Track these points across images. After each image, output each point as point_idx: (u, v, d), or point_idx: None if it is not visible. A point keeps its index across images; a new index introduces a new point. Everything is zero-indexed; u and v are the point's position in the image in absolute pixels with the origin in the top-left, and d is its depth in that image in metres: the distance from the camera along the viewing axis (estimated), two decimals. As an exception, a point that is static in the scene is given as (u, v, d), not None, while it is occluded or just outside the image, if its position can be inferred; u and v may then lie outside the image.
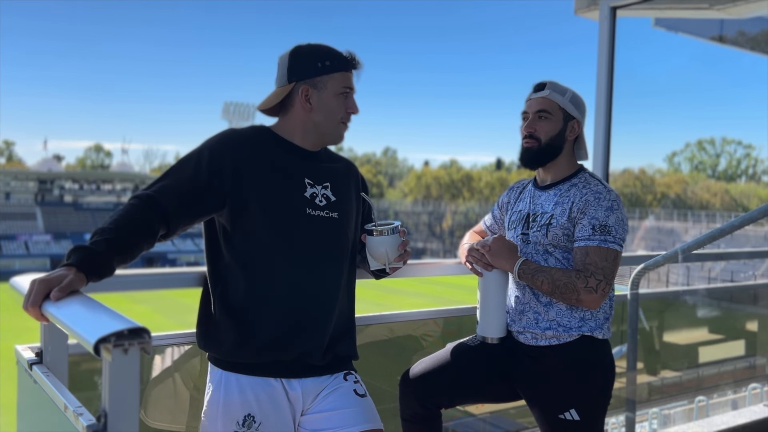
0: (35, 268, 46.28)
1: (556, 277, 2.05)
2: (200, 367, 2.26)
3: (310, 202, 1.86)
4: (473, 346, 2.28)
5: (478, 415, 3.08)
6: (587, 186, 2.14)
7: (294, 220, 1.83)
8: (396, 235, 1.90)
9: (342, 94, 1.90)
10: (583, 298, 2.02)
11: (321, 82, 1.88)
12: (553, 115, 2.18)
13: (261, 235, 1.81)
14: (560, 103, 2.19)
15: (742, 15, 4.00)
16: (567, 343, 2.11)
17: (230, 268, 1.83)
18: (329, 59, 1.88)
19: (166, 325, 21.93)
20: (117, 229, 1.61)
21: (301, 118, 1.91)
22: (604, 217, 2.05)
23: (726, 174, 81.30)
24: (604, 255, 2.03)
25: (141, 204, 1.71)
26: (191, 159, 1.81)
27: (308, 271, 1.85)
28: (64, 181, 67.39)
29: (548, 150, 2.18)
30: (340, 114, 1.91)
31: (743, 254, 15.75)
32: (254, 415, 1.78)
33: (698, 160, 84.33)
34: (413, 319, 2.88)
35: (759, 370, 4.43)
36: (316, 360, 1.86)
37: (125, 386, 1.08)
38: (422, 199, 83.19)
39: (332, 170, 1.97)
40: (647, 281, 3.22)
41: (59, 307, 1.38)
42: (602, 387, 2.15)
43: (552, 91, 2.20)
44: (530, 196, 2.27)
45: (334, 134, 1.93)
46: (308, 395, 1.87)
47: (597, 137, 3.46)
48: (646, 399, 3.76)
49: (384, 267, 1.95)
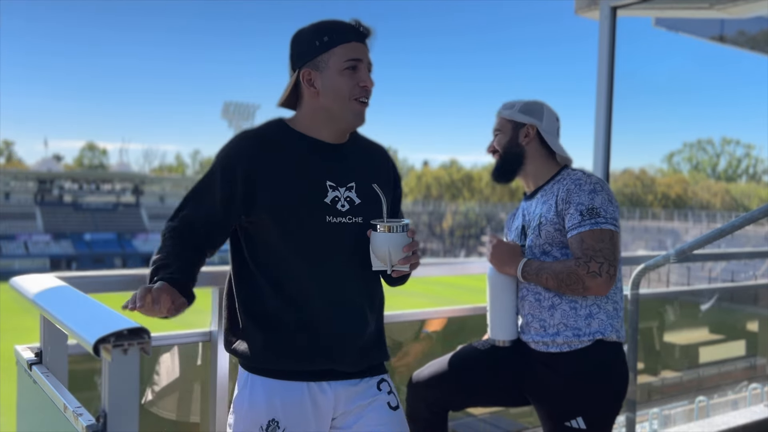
0: (35, 268, 46.28)
1: (557, 270, 2.03)
2: (203, 365, 2.26)
3: (330, 209, 1.72)
4: (483, 349, 2.27)
5: (478, 416, 3.08)
6: (568, 177, 2.15)
7: (311, 231, 1.70)
8: (403, 234, 1.69)
9: (348, 69, 1.70)
10: (589, 284, 1.98)
11: (322, 61, 1.70)
12: (502, 130, 2.28)
13: (277, 245, 1.71)
14: (507, 116, 2.27)
15: (742, 15, 4.00)
16: (579, 350, 2.06)
17: (253, 274, 1.74)
18: (327, 34, 1.70)
19: (166, 325, 21.86)
20: (178, 260, 1.68)
21: (312, 105, 1.75)
22: (589, 200, 2.04)
23: (726, 174, 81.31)
24: (598, 237, 2.00)
25: (178, 237, 1.73)
26: (208, 176, 1.76)
27: (330, 281, 1.73)
28: (63, 181, 67.38)
29: (508, 159, 2.25)
30: (347, 90, 1.70)
31: (743, 254, 15.75)
32: (278, 421, 1.68)
33: (698, 160, 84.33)
34: (413, 319, 2.87)
35: (759, 370, 4.43)
36: (347, 368, 1.75)
37: (125, 386, 1.08)
38: (422, 199, 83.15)
39: (359, 166, 1.80)
40: (647, 281, 3.21)
41: (59, 306, 1.38)
42: (614, 395, 2.11)
43: (502, 109, 2.31)
44: (522, 210, 2.30)
45: (348, 116, 1.73)
46: (340, 399, 1.74)
47: (597, 137, 3.46)
48: (646, 399, 3.76)
49: (386, 269, 1.74)
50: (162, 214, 65.85)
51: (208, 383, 2.18)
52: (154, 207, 67.25)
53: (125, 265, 52.76)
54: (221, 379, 2.14)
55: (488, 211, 78.05)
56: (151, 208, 66.85)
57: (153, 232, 61.40)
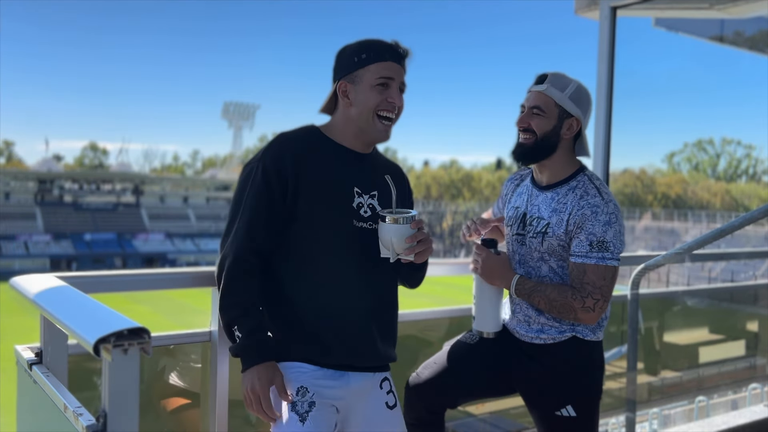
0: (35, 268, 46.26)
1: (552, 297, 2.04)
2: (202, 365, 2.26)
3: (356, 213, 1.85)
4: (472, 344, 2.27)
5: (478, 416, 3.08)
6: (585, 197, 2.04)
7: (339, 232, 1.84)
8: (406, 226, 1.80)
9: (379, 86, 1.83)
10: (581, 317, 2.02)
11: (358, 76, 1.84)
12: (546, 113, 2.07)
13: (308, 243, 1.83)
14: (557, 99, 2.07)
15: (742, 15, 4.00)
16: (561, 342, 2.11)
17: (282, 266, 1.85)
18: (366, 51, 1.84)
19: (166, 325, 21.91)
20: (245, 307, 1.76)
21: (344, 115, 1.89)
22: (602, 232, 1.99)
23: (726, 174, 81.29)
24: (602, 274, 2.00)
25: (240, 272, 1.78)
26: (257, 183, 1.80)
27: (351, 282, 1.86)
28: (63, 181, 67.33)
29: (542, 146, 2.09)
30: (374, 104, 1.83)
31: (743, 254, 15.76)
32: (307, 387, 1.80)
33: (698, 160, 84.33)
34: (413, 320, 2.88)
35: (759, 370, 4.43)
36: (363, 363, 1.89)
37: (125, 386, 1.08)
38: (422, 199, 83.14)
39: (381, 178, 1.91)
40: (647, 281, 3.21)
41: (59, 306, 1.38)
42: (596, 384, 2.16)
43: (550, 86, 2.08)
44: (528, 194, 2.21)
45: (371, 130, 1.86)
46: (352, 389, 1.87)
47: (597, 137, 3.46)
48: (646, 399, 3.76)
49: (389, 257, 1.85)
50: (162, 214, 65.87)
51: (208, 383, 2.18)
52: (154, 207, 67.22)
53: (125, 265, 52.74)
54: (221, 379, 2.14)
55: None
56: (151, 208, 66.81)
57: (153, 232, 61.48)
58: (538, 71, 2.16)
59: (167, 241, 61.19)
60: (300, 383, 1.80)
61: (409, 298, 2.29)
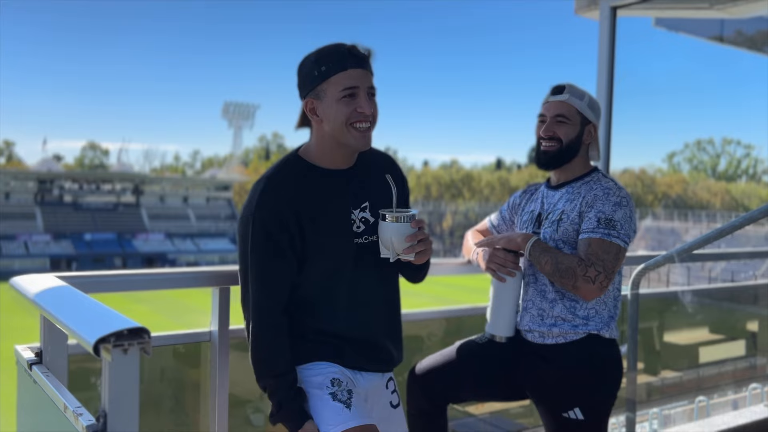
0: (35, 268, 46.28)
1: (560, 259, 2.06)
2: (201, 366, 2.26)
3: (354, 233, 1.86)
4: (481, 343, 2.29)
5: (478, 415, 3.08)
6: (598, 182, 2.16)
7: (345, 256, 1.85)
8: (406, 225, 1.78)
9: (345, 98, 1.75)
10: (580, 285, 2.01)
11: (321, 91, 1.77)
12: (571, 120, 2.19)
13: (316, 271, 1.85)
14: (578, 107, 2.19)
15: (742, 15, 4.00)
16: (574, 342, 2.11)
17: (293, 293, 1.87)
18: (325, 63, 1.75)
19: (166, 325, 21.91)
20: (276, 374, 1.79)
21: (319, 133, 1.84)
22: (611, 211, 2.06)
23: (726, 174, 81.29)
24: (606, 248, 2.03)
25: (269, 337, 1.81)
26: (259, 241, 1.78)
27: (357, 296, 1.89)
28: (63, 181, 67.26)
29: (566, 152, 2.19)
30: (343, 118, 1.75)
31: (743, 254, 15.76)
32: (339, 378, 1.84)
33: (698, 160, 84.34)
34: (414, 320, 2.88)
35: (759, 370, 4.43)
36: (373, 366, 1.95)
37: (125, 386, 1.08)
38: (422, 199, 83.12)
39: (370, 183, 1.91)
40: (647, 281, 3.21)
41: (59, 306, 1.38)
42: (609, 387, 2.15)
43: (571, 95, 2.19)
44: (542, 197, 2.29)
45: (348, 141, 1.79)
46: (366, 387, 1.92)
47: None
48: (646, 399, 3.76)
49: (389, 256, 1.85)
50: (162, 214, 65.85)
51: (208, 383, 2.18)
52: (154, 207, 67.19)
53: (125, 265, 52.71)
54: (221, 379, 2.14)
55: (488, 211, 77.35)
56: (151, 208, 66.78)
57: (153, 232, 61.47)
58: (538, 72, 2.29)
59: (167, 241, 61.19)
60: (332, 375, 1.84)
61: (410, 298, 2.29)
